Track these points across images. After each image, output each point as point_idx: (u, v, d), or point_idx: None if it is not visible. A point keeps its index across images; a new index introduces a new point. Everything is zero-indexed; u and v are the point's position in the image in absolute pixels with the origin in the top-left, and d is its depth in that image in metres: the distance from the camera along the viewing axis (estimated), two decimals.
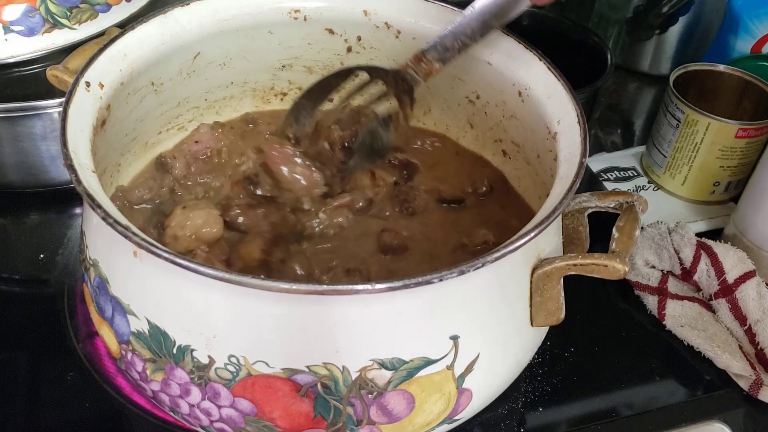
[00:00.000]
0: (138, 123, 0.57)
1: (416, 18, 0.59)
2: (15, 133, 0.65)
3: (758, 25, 0.81)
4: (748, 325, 0.62)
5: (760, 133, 0.69)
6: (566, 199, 0.45)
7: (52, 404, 0.55)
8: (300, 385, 0.43)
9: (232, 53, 0.61)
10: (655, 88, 0.94)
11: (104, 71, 0.50)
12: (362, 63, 0.61)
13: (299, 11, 0.60)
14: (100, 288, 0.46)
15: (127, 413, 0.55)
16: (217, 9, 0.57)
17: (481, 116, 0.62)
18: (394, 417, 0.45)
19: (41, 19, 0.69)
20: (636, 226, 0.49)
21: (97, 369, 0.57)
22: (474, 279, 0.43)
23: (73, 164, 0.43)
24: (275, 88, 0.66)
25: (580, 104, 0.51)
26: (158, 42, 0.54)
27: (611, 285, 0.67)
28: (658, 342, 0.63)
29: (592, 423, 0.57)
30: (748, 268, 0.63)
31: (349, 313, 0.41)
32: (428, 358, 0.43)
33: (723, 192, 0.74)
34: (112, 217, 0.40)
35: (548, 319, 0.48)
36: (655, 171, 0.76)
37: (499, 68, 0.57)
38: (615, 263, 0.45)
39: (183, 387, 0.45)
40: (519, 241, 0.42)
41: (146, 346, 0.45)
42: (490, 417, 0.56)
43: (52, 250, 0.67)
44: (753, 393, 0.59)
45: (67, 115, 0.46)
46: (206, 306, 0.42)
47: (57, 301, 0.62)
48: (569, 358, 0.61)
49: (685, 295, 0.65)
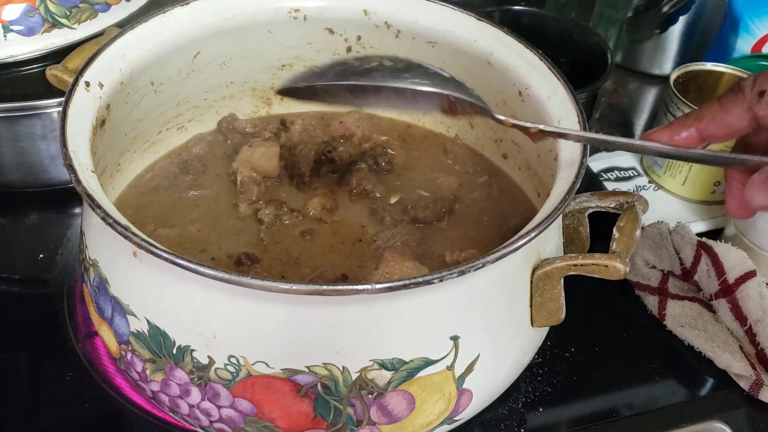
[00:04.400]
0: (138, 123, 0.57)
1: (416, 18, 0.59)
2: (15, 133, 0.65)
3: (758, 25, 0.81)
4: (748, 325, 0.62)
5: None
6: (567, 199, 0.45)
7: (52, 404, 0.55)
8: (300, 385, 0.43)
9: (231, 53, 0.61)
10: (655, 88, 0.94)
11: (104, 71, 0.50)
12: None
13: (299, 11, 0.60)
14: (99, 288, 0.46)
15: (126, 413, 0.55)
16: (216, 8, 0.57)
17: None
18: (395, 417, 0.45)
19: (41, 18, 0.69)
20: (636, 226, 0.49)
21: (96, 369, 0.57)
22: (474, 279, 0.43)
23: (73, 164, 0.43)
24: (275, 88, 0.66)
25: (580, 104, 0.51)
26: (158, 41, 0.54)
27: (611, 285, 0.67)
28: (659, 342, 0.63)
29: (592, 423, 0.57)
30: (748, 268, 0.63)
31: (349, 314, 0.41)
32: (428, 358, 0.43)
33: (723, 192, 0.74)
34: (112, 217, 0.40)
35: (549, 320, 0.48)
36: (656, 171, 0.76)
37: (499, 68, 0.57)
38: (615, 263, 0.45)
39: (183, 387, 0.45)
40: (519, 241, 0.42)
41: (146, 346, 0.45)
42: (490, 417, 0.56)
43: (52, 250, 0.67)
44: (753, 393, 0.59)
45: (67, 114, 0.46)
46: (206, 306, 0.42)
47: (56, 301, 0.62)
48: (569, 358, 0.61)
49: (685, 295, 0.65)
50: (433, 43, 0.60)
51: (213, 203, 0.58)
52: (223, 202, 0.58)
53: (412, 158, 0.63)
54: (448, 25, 0.58)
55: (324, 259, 0.54)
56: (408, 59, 0.47)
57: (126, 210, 0.56)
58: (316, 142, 0.62)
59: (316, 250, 0.54)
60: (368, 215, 0.58)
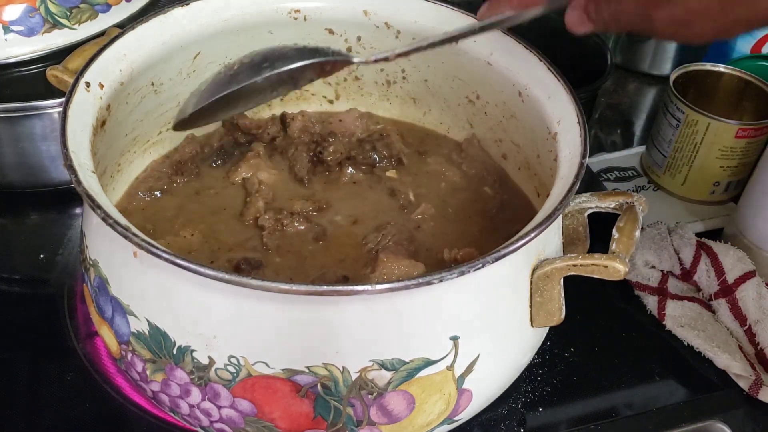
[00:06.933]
0: (138, 123, 0.57)
1: (416, 18, 0.59)
2: (15, 133, 0.65)
3: None
4: (747, 325, 0.62)
5: (760, 133, 0.69)
6: (566, 199, 0.45)
7: (52, 404, 0.55)
8: (300, 385, 0.43)
9: (232, 53, 0.60)
10: (655, 88, 0.94)
11: (104, 71, 0.50)
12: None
13: (299, 11, 0.60)
14: (100, 288, 0.46)
15: (127, 413, 0.55)
16: (217, 9, 0.57)
17: (481, 116, 0.62)
18: (395, 417, 0.45)
19: (41, 19, 0.69)
20: (636, 227, 0.49)
21: (97, 369, 0.57)
22: (474, 279, 0.43)
23: (73, 164, 0.43)
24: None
25: (580, 104, 0.52)
26: (158, 42, 0.54)
27: (611, 285, 0.66)
28: (658, 342, 0.63)
29: (592, 423, 0.57)
30: (748, 268, 0.63)
31: (349, 314, 0.41)
32: (428, 358, 0.43)
33: (723, 192, 0.74)
34: (112, 217, 0.40)
35: (548, 320, 0.48)
36: (655, 171, 0.76)
37: (499, 68, 0.57)
38: (615, 264, 0.45)
39: (183, 387, 0.45)
40: (519, 242, 0.42)
41: (146, 346, 0.45)
42: (490, 417, 0.56)
43: (52, 250, 0.67)
44: (753, 393, 0.59)
45: (67, 115, 0.46)
46: (206, 306, 0.42)
47: (57, 301, 0.62)
48: (569, 358, 0.61)
49: (685, 295, 0.65)
50: None
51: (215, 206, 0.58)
52: (223, 205, 0.58)
53: (411, 157, 0.63)
54: (448, 25, 0.58)
55: (328, 261, 0.54)
56: (263, 49, 0.48)
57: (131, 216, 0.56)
58: (309, 142, 0.62)
59: (320, 252, 0.54)
60: (368, 214, 0.58)
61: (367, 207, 0.58)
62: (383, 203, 0.59)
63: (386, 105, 0.67)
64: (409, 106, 0.67)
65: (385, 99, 0.67)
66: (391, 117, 0.67)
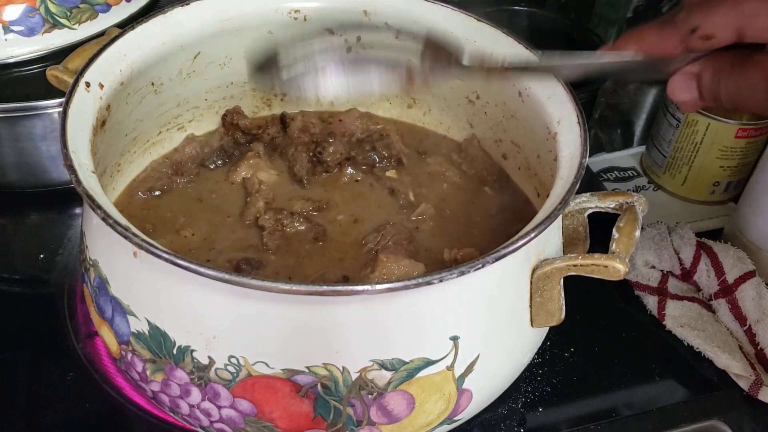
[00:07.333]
0: (138, 123, 0.57)
1: (416, 19, 0.59)
2: (15, 133, 0.65)
3: None
4: (747, 325, 0.62)
5: (760, 133, 0.69)
6: (566, 199, 0.45)
7: (52, 404, 0.55)
8: (300, 385, 0.43)
9: (232, 53, 0.61)
10: (655, 88, 0.94)
11: (104, 71, 0.50)
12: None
13: (299, 11, 0.60)
14: (100, 288, 0.46)
15: (127, 413, 0.55)
16: (217, 9, 0.57)
17: (481, 116, 0.62)
18: (395, 417, 0.45)
19: (41, 19, 0.69)
20: (636, 227, 0.49)
21: (97, 369, 0.57)
22: (474, 279, 0.43)
23: (73, 164, 0.43)
24: (275, 89, 0.66)
25: (580, 104, 0.51)
26: (158, 42, 0.54)
27: (611, 285, 0.66)
28: (658, 342, 0.63)
29: (592, 423, 0.57)
30: (747, 268, 0.63)
31: (349, 314, 0.41)
32: (428, 358, 0.43)
33: (723, 192, 0.74)
34: (112, 217, 0.40)
35: (548, 320, 0.48)
36: (655, 171, 0.76)
37: None
38: (615, 264, 0.45)
39: (183, 387, 0.45)
40: (519, 242, 0.42)
41: (146, 346, 0.45)
42: (490, 417, 0.56)
43: (52, 250, 0.67)
44: (753, 393, 0.59)
45: (67, 115, 0.46)
46: (206, 306, 0.42)
47: (57, 301, 0.62)
48: (569, 358, 0.61)
49: (685, 295, 0.65)
50: None
51: (214, 207, 0.58)
52: (223, 205, 0.58)
53: (411, 157, 0.63)
54: (448, 25, 0.58)
55: (328, 261, 0.54)
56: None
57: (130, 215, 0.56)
58: (309, 142, 0.62)
59: (319, 252, 0.54)
60: (368, 215, 0.58)
61: (367, 207, 0.58)
62: (383, 203, 0.59)
63: (386, 105, 0.67)
64: (409, 106, 0.67)
65: (385, 99, 0.67)
66: (391, 117, 0.67)
